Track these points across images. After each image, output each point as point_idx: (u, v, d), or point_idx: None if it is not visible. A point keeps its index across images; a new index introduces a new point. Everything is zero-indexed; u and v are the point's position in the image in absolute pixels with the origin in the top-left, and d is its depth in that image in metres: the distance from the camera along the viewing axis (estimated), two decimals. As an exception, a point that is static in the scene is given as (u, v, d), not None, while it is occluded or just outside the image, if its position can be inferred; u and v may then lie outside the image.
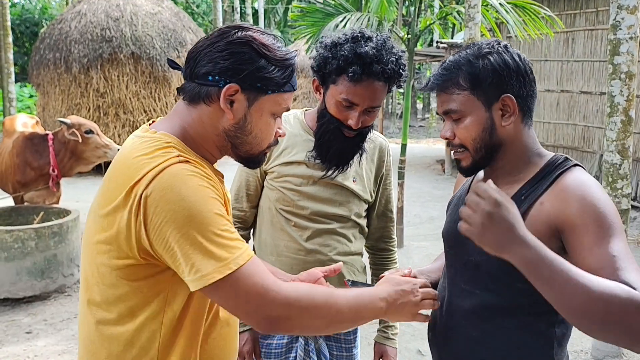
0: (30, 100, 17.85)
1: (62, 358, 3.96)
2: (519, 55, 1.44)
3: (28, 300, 4.91)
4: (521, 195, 1.42)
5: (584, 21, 9.24)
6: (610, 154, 3.97)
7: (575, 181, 1.36)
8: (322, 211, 1.95)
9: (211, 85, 1.24)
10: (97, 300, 1.27)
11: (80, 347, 1.34)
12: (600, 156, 8.50)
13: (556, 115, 9.81)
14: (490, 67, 1.40)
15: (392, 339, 2.11)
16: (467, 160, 1.47)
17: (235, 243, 1.17)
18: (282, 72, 1.26)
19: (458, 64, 1.43)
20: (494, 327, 1.46)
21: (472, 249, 1.46)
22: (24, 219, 5.44)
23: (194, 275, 1.14)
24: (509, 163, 1.47)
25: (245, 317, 1.20)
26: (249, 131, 1.29)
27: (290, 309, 1.18)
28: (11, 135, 5.82)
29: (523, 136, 1.46)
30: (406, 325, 4.50)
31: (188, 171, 1.18)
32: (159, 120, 1.34)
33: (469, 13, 5.23)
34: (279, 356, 2.04)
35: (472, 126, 1.42)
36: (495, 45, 1.44)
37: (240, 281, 1.15)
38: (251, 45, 1.24)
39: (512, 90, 1.41)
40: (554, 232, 1.35)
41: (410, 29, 6.84)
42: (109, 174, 1.25)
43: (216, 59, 1.23)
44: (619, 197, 3.94)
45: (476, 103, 1.41)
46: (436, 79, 1.45)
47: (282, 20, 24.22)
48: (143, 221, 1.16)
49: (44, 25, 21.05)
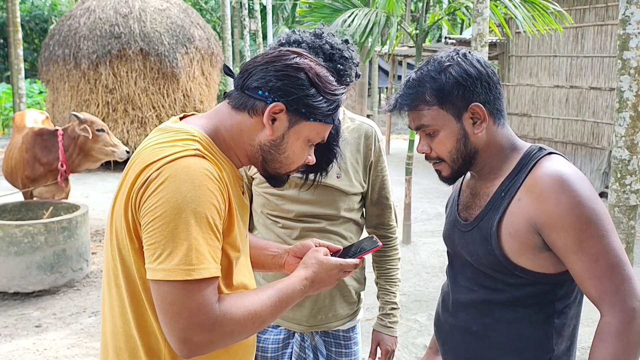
0: (40, 97, 17.95)
1: (71, 352, 3.99)
2: (479, 61, 1.47)
3: (37, 295, 4.95)
4: (501, 192, 1.45)
5: (594, 16, 9.18)
6: (619, 150, 3.95)
7: (549, 173, 1.38)
8: (308, 212, 1.94)
9: (259, 99, 1.28)
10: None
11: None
12: (609, 152, 8.45)
13: (565, 111, 9.75)
14: (453, 80, 1.43)
15: (389, 327, 2.09)
16: (446, 171, 1.51)
17: (208, 255, 1.16)
18: (328, 105, 1.31)
19: (422, 81, 1.46)
20: (494, 321, 1.49)
21: (466, 249, 1.52)
22: (33, 214, 5.49)
23: (158, 264, 1.15)
24: (488, 164, 1.51)
25: (167, 327, 1.16)
26: (283, 150, 1.32)
27: (213, 334, 1.17)
28: (21, 131, 5.87)
29: (497, 137, 1.49)
30: (413, 322, 4.51)
31: (200, 167, 1.19)
32: (196, 115, 1.37)
33: (478, 8, 5.20)
34: (275, 352, 2.04)
35: (446, 139, 1.46)
36: (454, 55, 1.47)
37: (187, 291, 1.14)
38: (307, 73, 1.28)
39: (479, 97, 1.44)
40: (534, 229, 1.39)
41: (419, 25, 6.81)
42: (130, 163, 1.28)
43: (270, 77, 1.27)
44: (628, 193, 3.92)
45: (446, 116, 1.45)
46: (403, 98, 1.48)
47: (290, 17, 24.19)
48: (139, 198, 1.18)
49: (53, 21, 21.15)
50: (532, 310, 1.45)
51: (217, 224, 1.19)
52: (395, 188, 7.87)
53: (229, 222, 1.26)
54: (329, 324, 2.03)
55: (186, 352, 1.16)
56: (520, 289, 1.45)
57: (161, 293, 1.15)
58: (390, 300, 2.11)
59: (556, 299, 1.45)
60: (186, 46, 11.14)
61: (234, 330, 1.19)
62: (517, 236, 1.40)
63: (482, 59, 1.49)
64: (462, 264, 1.57)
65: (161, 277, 1.14)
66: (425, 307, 4.80)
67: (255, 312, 1.23)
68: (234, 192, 1.30)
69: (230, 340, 1.21)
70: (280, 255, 1.59)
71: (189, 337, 1.15)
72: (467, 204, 1.57)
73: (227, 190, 1.25)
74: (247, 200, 1.44)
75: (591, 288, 1.34)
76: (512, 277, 1.44)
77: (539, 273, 1.42)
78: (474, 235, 1.49)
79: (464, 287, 1.55)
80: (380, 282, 2.14)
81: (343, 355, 2.07)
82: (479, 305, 1.52)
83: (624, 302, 1.31)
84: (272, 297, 1.27)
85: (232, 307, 1.20)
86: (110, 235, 1.28)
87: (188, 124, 1.31)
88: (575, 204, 1.33)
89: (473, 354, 1.54)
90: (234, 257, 1.30)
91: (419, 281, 5.48)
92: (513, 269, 1.42)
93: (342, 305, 2.03)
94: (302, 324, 2.01)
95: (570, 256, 1.34)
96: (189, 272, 1.13)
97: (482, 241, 1.46)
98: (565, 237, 1.33)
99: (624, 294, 1.31)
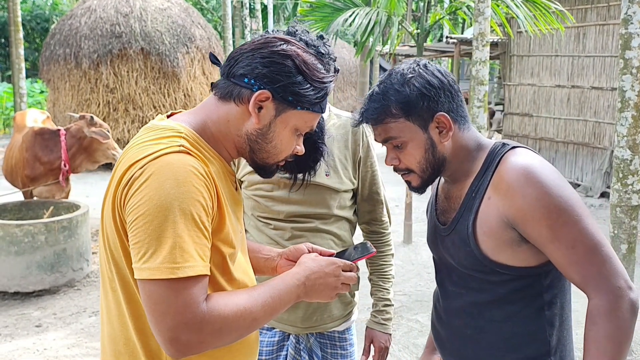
0: (41, 96, 17.94)
1: (71, 351, 3.99)
2: (439, 70, 1.49)
3: (38, 294, 4.95)
4: (472, 193, 1.47)
5: (596, 16, 9.16)
6: (621, 150, 3.93)
7: (513, 167, 1.40)
8: (298, 212, 1.92)
9: (245, 87, 1.26)
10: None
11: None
12: (611, 152, 8.43)
13: (567, 111, 9.73)
14: (417, 92, 1.44)
15: (383, 324, 2.07)
16: (415, 181, 1.53)
17: (194, 253, 1.14)
18: (315, 92, 1.28)
19: (386, 94, 1.47)
20: (486, 322, 1.50)
21: (448, 253, 1.53)
22: (33, 214, 5.48)
23: (142, 263, 1.13)
24: (458, 168, 1.52)
25: (154, 327, 1.14)
26: (270, 139, 1.30)
27: (201, 333, 1.14)
28: (21, 130, 5.86)
29: (464, 141, 1.51)
30: (414, 322, 4.50)
31: (184, 163, 1.17)
32: (184, 112, 1.36)
33: (479, 8, 5.19)
34: (270, 354, 2.02)
35: (414, 150, 1.48)
36: (415, 67, 1.48)
37: (172, 290, 1.12)
38: (293, 60, 1.26)
39: (443, 107, 1.46)
40: (507, 225, 1.40)
41: (420, 24, 6.80)
42: (117, 162, 1.27)
43: (256, 63, 1.25)
44: (630, 193, 3.90)
45: (413, 127, 1.46)
46: (369, 113, 1.49)
47: (291, 16, 24.18)
48: (124, 197, 1.17)
49: (54, 21, 21.13)
50: (521, 305, 1.46)
51: (204, 221, 1.17)
52: (396, 188, 7.90)
53: (219, 219, 1.24)
54: (324, 325, 2.01)
55: (174, 352, 1.14)
56: (504, 285, 1.46)
57: (147, 292, 1.13)
58: (383, 297, 2.10)
59: (543, 291, 1.46)
60: (187, 46, 11.13)
61: (222, 328, 1.16)
62: (492, 234, 1.41)
63: (442, 68, 1.51)
64: (448, 269, 1.58)
65: (146, 276, 1.12)
66: (426, 307, 4.79)
67: (245, 309, 1.19)
68: (224, 187, 1.28)
69: (221, 339, 1.18)
70: (273, 258, 1.57)
71: (177, 336, 1.12)
72: (443, 209, 1.59)
73: (214, 187, 1.22)
74: (240, 196, 1.41)
75: (574, 274, 1.36)
76: (495, 275, 1.45)
77: (520, 267, 1.43)
78: (453, 239, 1.50)
79: (452, 292, 1.57)
80: (374, 278, 2.12)
81: (339, 356, 2.05)
82: (468, 309, 1.52)
83: (608, 282, 1.33)
84: (264, 293, 1.24)
85: (220, 304, 1.17)
86: (103, 237, 1.27)
87: (175, 121, 1.29)
88: (542, 195, 1.34)
89: (471, 357, 1.55)
90: (228, 253, 1.28)
91: (420, 281, 5.47)
92: (495, 267, 1.43)
93: (337, 306, 2.02)
94: (296, 325, 1.99)
95: (548, 246, 1.36)
96: (173, 270, 1.11)
97: (460, 244, 1.47)
98: (538, 228, 1.35)
99: (606, 274, 1.33)
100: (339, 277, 1.36)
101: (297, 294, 1.30)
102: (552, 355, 1.48)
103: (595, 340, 1.33)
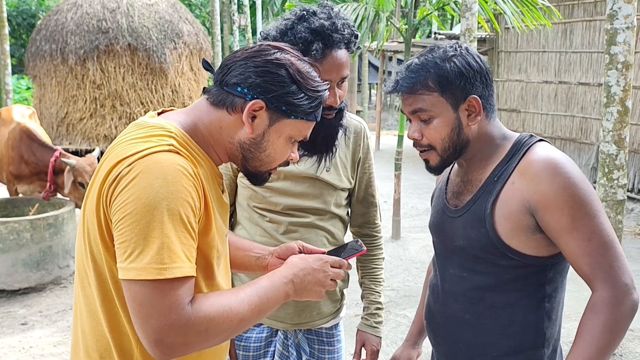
0: (28, 92, 17.77)
1: (57, 349, 3.96)
2: (479, 56, 1.52)
3: (23, 292, 4.91)
4: (494, 177, 1.49)
5: (582, 12, 9.20)
6: (607, 145, 3.96)
7: (542, 157, 1.43)
8: (296, 205, 1.91)
9: (238, 96, 1.24)
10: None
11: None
12: (597, 147, 8.48)
13: (554, 106, 9.79)
14: (457, 70, 1.47)
15: (374, 327, 2.07)
16: (434, 160, 1.54)
17: (181, 254, 1.12)
18: (310, 102, 1.27)
19: (426, 66, 1.48)
20: (485, 308, 1.51)
21: (457, 234, 1.53)
22: (19, 211, 5.44)
23: (129, 263, 1.10)
24: (479, 153, 1.54)
25: (139, 328, 1.12)
26: (264, 149, 1.29)
27: (187, 335, 1.12)
28: (8, 125, 5.79)
29: (488, 129, 1.53)
30: (402, 317, 4.51)
31: (173, 163, 1.15)
32: (174, 111, 1.33)
33: (466, 3, 5.19)
34: (258, 350, 2.01)
35: (440, 127, 1.49)
36: (458, 47, 1.51)
37: (159, 291, 1.10)
38: (287, 69, 1.24)
39: (477, 91, 1.49)
40: (527, 210, 1.42)
41: (408, 20, 6.80)
42: (103, 158, 1.24)
43: (250, 72, 1.23)
44: (615, 187, 3.93)
45: (445, 104, 1.48)
46: (405, 81, 1.50)
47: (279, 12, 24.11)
48: (110, 195, 1.14)
49: (40, 16, 20.93)
50: (523, 294, 1.48)
51: (192, 222, 1.15)
52: (385, 184, 7.91)
53: (206, 221, 1.22)
54: (313, 322, 2.01)
55: (159, 354, 1.12)
56: (510, 271, 1.48)
57: (132, 293, 1.11)
58: (375, 300, 2.09)
59: (546, 283, 1.48)
60: (174, 41, 11.04)
61: (208, 329, 1.14)
62: (511, 218, 1.43)
63: (480, 56, 1.53)
64: (451, 251, 1.58)
65: (132, 277, 1.10)
66: (414, 302, 4.80)
67: (231, 310, 1.18)
68: (211, 190, 1.26)
69: (207, 341, 1.16)
70: (264, 256, 1.55)
71: (161, 338, 1.10)
72: (457, 192, 1.60)
73: (202, 188, 1.21)
74: (227, 199, 1.39)
75: (584, 265, 1.38)
76: (503, 259, 1.47)
77: (529, 255, 1.45)
78: (466, 219, 1.51)
79: (453, 275, 1.57)
80: (365, 281, 2.12)
81: (326, 352, 2.05)
82: (469, 293, 1.53)
83: (617, 277, 1.37)
84: (251, 293, 1.23)
85: (205, 305, 1.15)
86: (82, 233, 1.24)
87: (165, 120, 1.27)
88: (569, 185, 1.38)
89: (466, 342, 1.55)
90: (214, 256, 1.26)
91: (408, 276, 5.49)
92: (506, 251, 1.45)
93: (327, 303, 2.01)
94: (285, 322, 1.98)
95: (565, 235, 1.38)
96: (160, 271, 1.09)
97: (474, 224, 1.49)
98: (559, 216, 1.38)
99: (616, 270, 1.37)
100: (327, 272, 1.35)
101: (286, 292, 1.29)
102: (545, 348, 1.50)
103: (591, 330, 1.36)
